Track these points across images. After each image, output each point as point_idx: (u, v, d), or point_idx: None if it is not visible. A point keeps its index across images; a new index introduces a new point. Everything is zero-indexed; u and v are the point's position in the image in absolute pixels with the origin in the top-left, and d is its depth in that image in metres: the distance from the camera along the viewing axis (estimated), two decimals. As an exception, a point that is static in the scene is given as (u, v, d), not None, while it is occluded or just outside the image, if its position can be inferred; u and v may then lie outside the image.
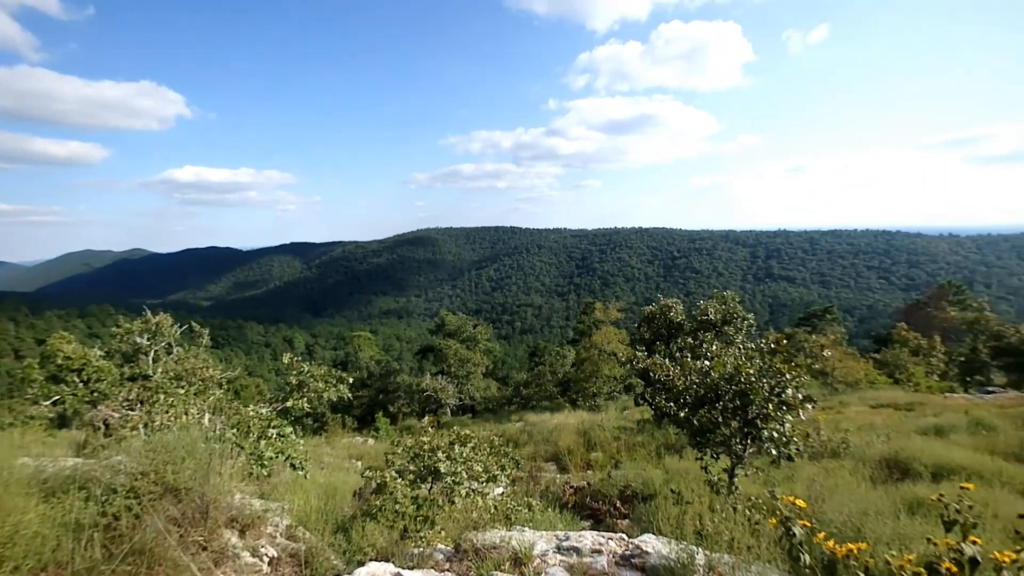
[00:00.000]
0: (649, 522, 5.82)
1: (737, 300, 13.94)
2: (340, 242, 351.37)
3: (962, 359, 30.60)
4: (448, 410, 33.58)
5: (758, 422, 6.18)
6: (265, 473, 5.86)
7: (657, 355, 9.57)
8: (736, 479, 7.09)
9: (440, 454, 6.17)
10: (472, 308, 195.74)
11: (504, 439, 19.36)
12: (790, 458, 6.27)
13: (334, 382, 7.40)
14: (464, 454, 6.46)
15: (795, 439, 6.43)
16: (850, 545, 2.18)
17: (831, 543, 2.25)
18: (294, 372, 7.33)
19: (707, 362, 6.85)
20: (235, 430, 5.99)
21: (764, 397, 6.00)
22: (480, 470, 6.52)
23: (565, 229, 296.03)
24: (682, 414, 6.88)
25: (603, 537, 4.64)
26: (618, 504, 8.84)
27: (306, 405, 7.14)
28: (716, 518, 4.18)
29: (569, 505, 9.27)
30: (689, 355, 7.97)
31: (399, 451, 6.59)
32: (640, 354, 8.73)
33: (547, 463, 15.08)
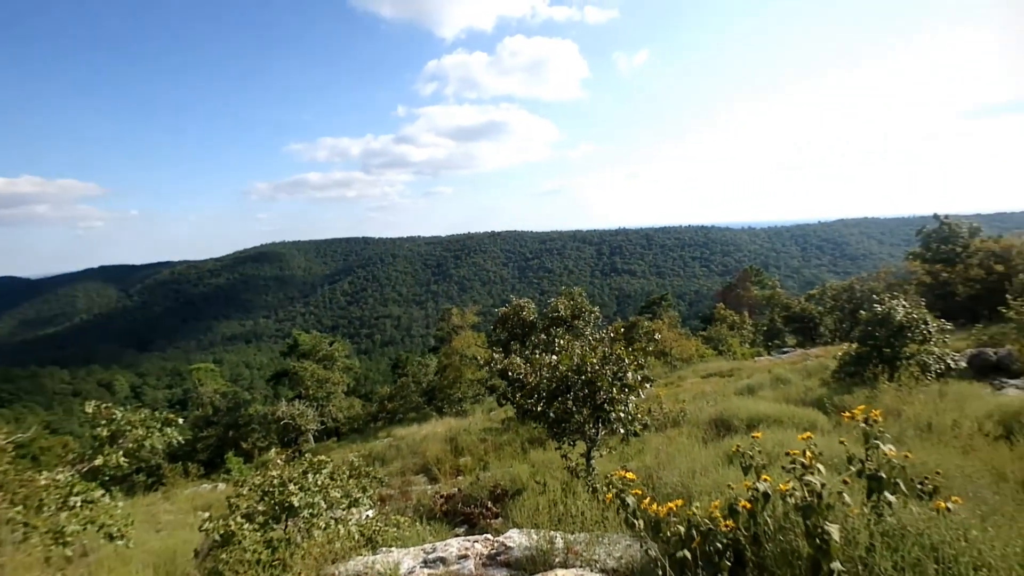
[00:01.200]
0: (516, 517, 6.00)
1: (584, 295, 15.03)
2: (167, 263, 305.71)
3: (765, 328, 36.66)
4: (310, 436, 31.27)
5: (606, 406, 6.72)
6: (69, 553, 4.88)
7: (514, 354, 9.92)
8: (593, 461, 7.63)
9: (292, 486, 5.68)
10: (328, 325, 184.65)
11: (370, 458, 18.58)
12: (636, 434, 6.93)
13: (158, 426, 6.39)
14: (320, 482, 6.04)
15: (639, 416, 7.12)
16: (670, 504, 2.49)
17: (654, 506, 2.54)
18: (103, 422, 6.18)
19: (554, 356, 7.28)
20: (22, 507, 4.88)
21: (608, 383, 6.54)
22: (339, 496, 6.15)
23: (419, 237, 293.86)
24: (539, 408, 7.23)
25: (469, 541, 4.66)
26: (489, 505, 8.97)
27: (123, 460, 6.05)
28: (573, 501, 4.44)
29: (441, 514, 9.20)
30: (541, 351, 8.40)
31: (245, 492, 5.94)
32: (497, 355, 8.97)
33: (417, 476, 14.81)
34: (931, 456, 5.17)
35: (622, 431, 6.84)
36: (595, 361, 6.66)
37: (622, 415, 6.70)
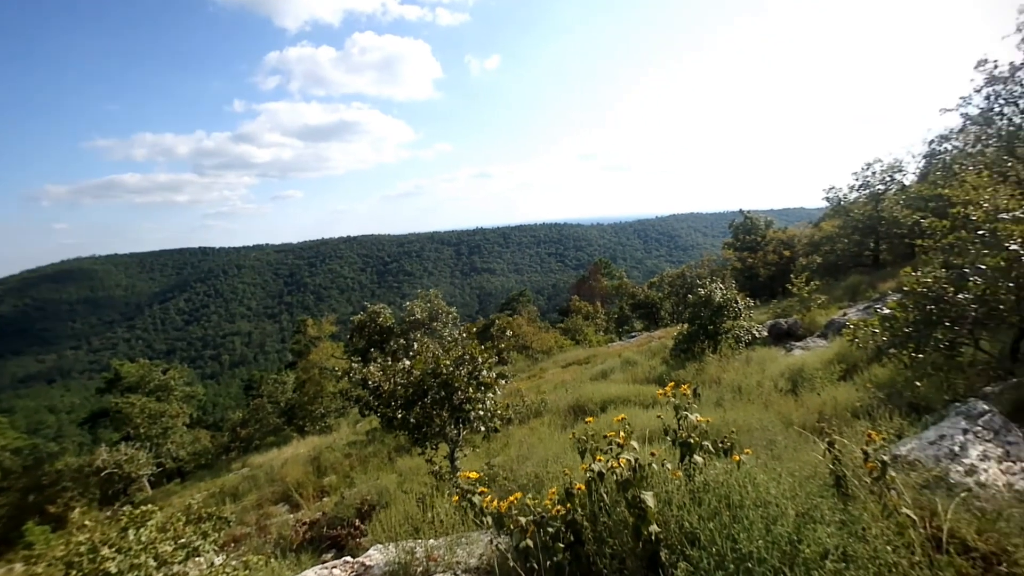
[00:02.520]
0: (379, 532, 5.78)
1: (440, 297, 15.01)
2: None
3: (616, 316, 40.10)
4: (145, 483, 26.87)
5: (465, 406, 6.77)
6: None
7: (373, 362, 9.57)
8: (457, 462, 7.65)
9: (107, 550, 4.80)
10: (162, 349, 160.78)
11: (221, 494, 16.60)
12: (496, 430, 7.10)
13: None
14: (145, 537, 5.20)
15: (499, 412, 7.29)
16: (511, 498, 2.58)
17: (495, 503, 2.62)
18: None
19: (407, 362, 7.16)
20: None
21: (464, 383, 6.59)
22: (172, 549, 5.35)
23: (268, 245, 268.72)
24: (398, 415, 7.05)
25: (327, 569, 4.36)
26: (357, 523, 8.55)
27: None
28: (440, 505, 4.38)
29: (306, 543, 8.58)
30: (394, 357, 8.21)
31: (41, 570, 4.88)
32: (356, 364, 8.57)
33: (277, 505, 13.62)
34: (740, 414, 6.04)
35: (483, 428, 6.95)
36: (449, 363, 6.66)
37: (481, 413, 6.80)
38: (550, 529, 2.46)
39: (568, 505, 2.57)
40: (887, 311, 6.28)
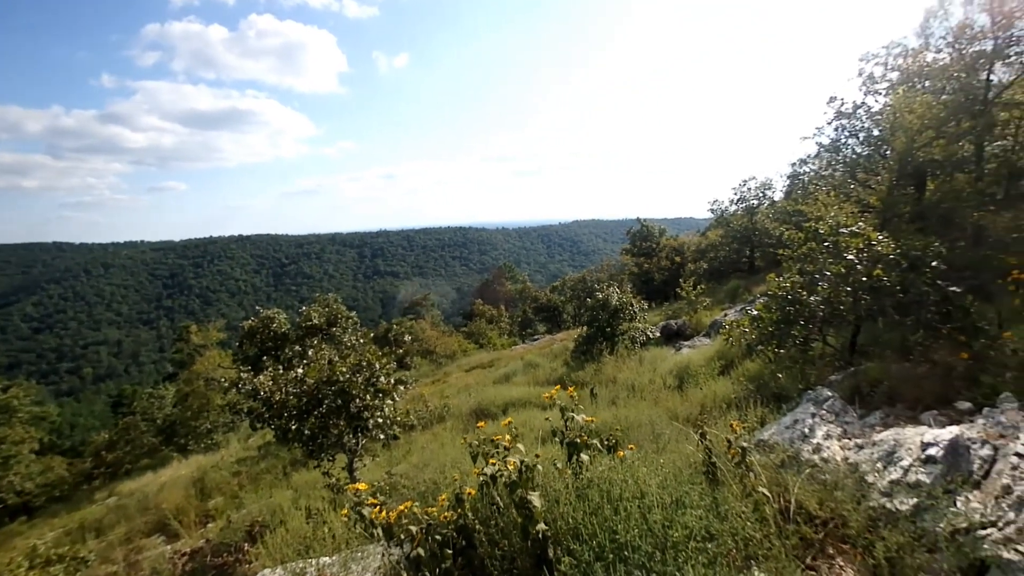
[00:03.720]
0: (267, 555, 5.41)
1: (340, 301, 14.39)
2: None
3: (519, 319, 40.85)
4: (-23, 525, 22.79)
5: (363, 414, 6.55)
6: None
7: (265, 371, 8.95)
8: (356, 472, 7.37)
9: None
10: (2, 363, 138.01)
11: (80, 531, 14.60)
12: (395, 437, 6.94)
13: None
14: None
15: (398, 419, 7.14)
16: (401, 507, 2.56)
17: (384, 514, 2.58)
18: None
19: (300, 370, 6.80)
20: None
21: (362, 390, 6.38)
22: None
23: (143, 242, 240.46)
24: (293, 426, 6.66)
25: (206, 600, 4.02)
26: (246, 547, 7.93)
27: None
28: (327, 521, 4.19)
29: (186, 575, 7.82)
30: (289, 365, 7.75)
31: None
32: (246, 374, 7.95)
33: (151, 537, 12.21)
34: (632, 411, 6.43)
35: (382, 436, 6.77)
36: (345, 370, 6.42)
37: (380, 420, 6.62)
38: (438, 537, 2.46)
39: (459, 510, 2.59)
40: (755, 312, 7.02)
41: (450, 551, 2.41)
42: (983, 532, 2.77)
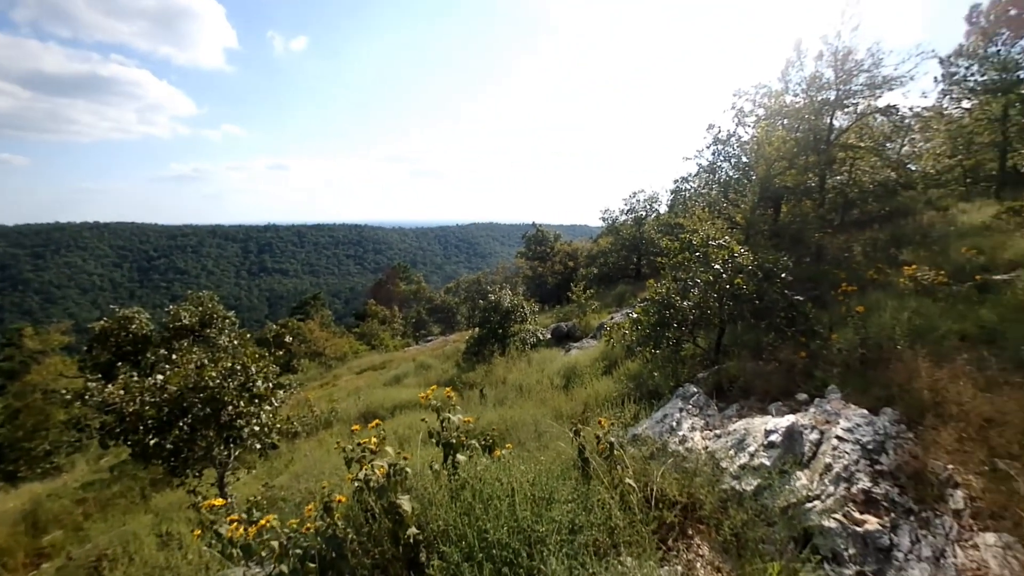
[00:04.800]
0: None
1: (216, 299, 13.13)
2: None
3: (413, 320, 40.13)
4: None
5: (236, 422, 6.02)
6: None
7: (121, 378, 7.89)
8: (229, 488, 6.76)
9: None
10: None
11: None
12: (274, 445, 6.46)
13: None
14: None
15: (277, 426, 6.65)
16: (261, 522, 2.39)
17: (240, 530, 2.39)
18: None
19: (160, 376, 6.10)
20: None
21: (235, 396, 5.86)
22: None
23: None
24: (152, 441, 5.93)
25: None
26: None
27: None
28: (184, 545, 3.78)
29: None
30: (152, 370, 6.91)
31: None
32: (94, 383, 6.94)
33: (-37, 588, 10.22)
34: (519, 411, 6.56)
35: (258, 446, 6.26)
36: (215, 375, 5.86)
37: (256, 429, 6.12)
38: (299, 551, 2.32)
39: (328, 520, 2.46)
40: (634, 315, 7.51)
41: (314, 564, 2.27)
42: (808, 505, 3.19)
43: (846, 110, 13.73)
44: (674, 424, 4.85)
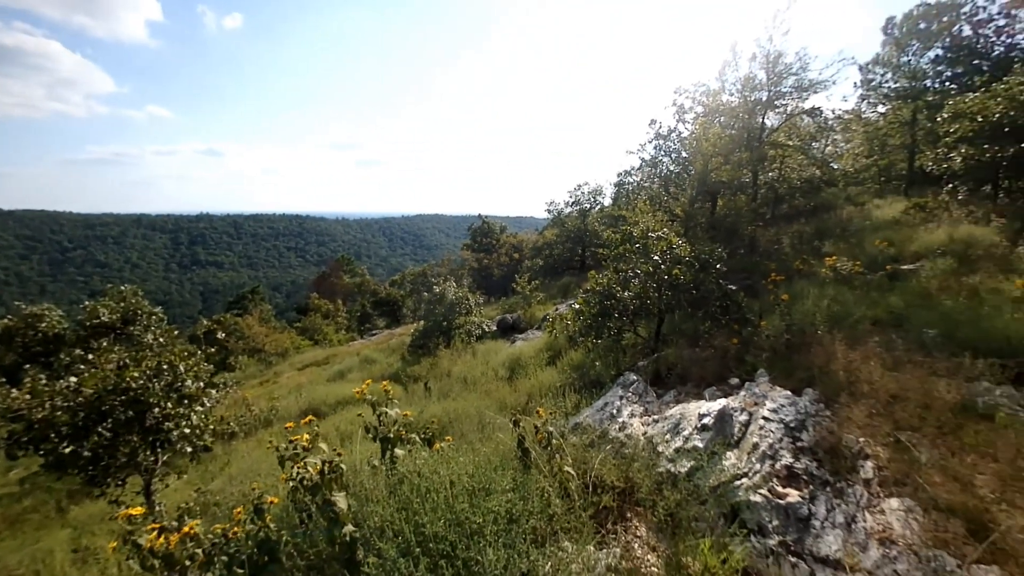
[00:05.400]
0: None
1: (141, 294, 12.27)
2: None
3: (358, 313, 39.16)
4: None
5: (164, 425, 5.67)
6: None
7: (27, 382, 7.24)
8: (157, 495, 6.36)
9: None
10: None
11: None
12: (207, 448, 6.14)
13: None
14: None
15: (210, 427, 6.33)
16: (184, 530, 2.27)
17: (161, 539, 2.27)
18: None
19: (74, 378, 5.66)
20: None
21: (160, 397, 5.52)
22: None
23: None
24: (67, 449, 5.49)
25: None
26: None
27: None
28: (99, 560, 3.54)
29: None
30: (67, 372, 6.39)
31: None
32: (-3, 387, 6.34)
33: None
34: (463, 403, 6.54)
35: (189, 449, 5.93)
36: (138, 375, 5.49)
37: (187, 431, 5.79)
38: (224, 557, 2.22)
39: (260, 522, 2.36)
40: (577, 306, 7.64)
41: (243, 571, 2.18)
42: (737, 483, 3.37)
43: (776, 110, 14.50)
44: (614, 412, 4.98)
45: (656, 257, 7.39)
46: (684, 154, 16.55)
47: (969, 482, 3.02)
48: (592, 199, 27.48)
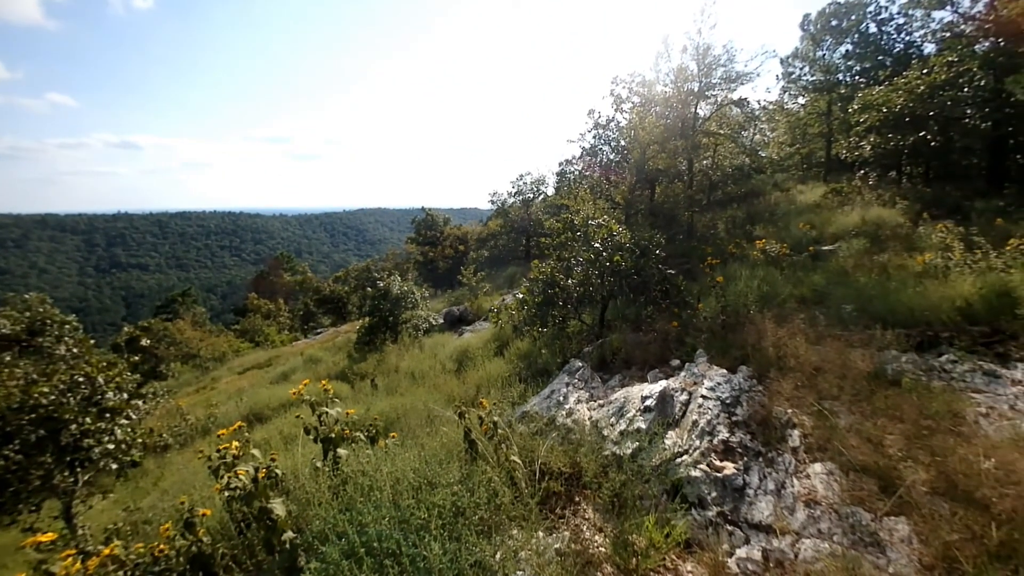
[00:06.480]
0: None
1: (49, 302, 11.29)
2: None
3: (301, 312, 37.81)
4: None
5: (84, 442, 5.26)
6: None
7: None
8: (78, 518, 5.91)
9: None
10: None
11: None
12: (135, 463, 5.75)
13: None
14: None
15: (138, 440, 5.93)
16: (105, 552, 2.13)
17: (77, 565, 2.11)
18: None
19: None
20: None
21: (76, 413, 5.12)
22: None
23: None
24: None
25: None
26: None
27: None
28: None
29: None
30: None
31: None
32: None
33: None
34: (411, 398, 6.46)
35: (114, 466, 5.53)
36: (47, 390, 5.06)
37: (110, 447, 5.40)
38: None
39: (192, 537, 2.24)
40: (520, 296, 7.69)
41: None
42: (678, 460, 3.51)
43: (708, 100, 15.06)
44: (561, 399, 5.06)
45: (597, 244, 7.54)
46: (623, 143, 16.94)
47: (880, 443, 3.28)
48: (535, 188, 27.68)
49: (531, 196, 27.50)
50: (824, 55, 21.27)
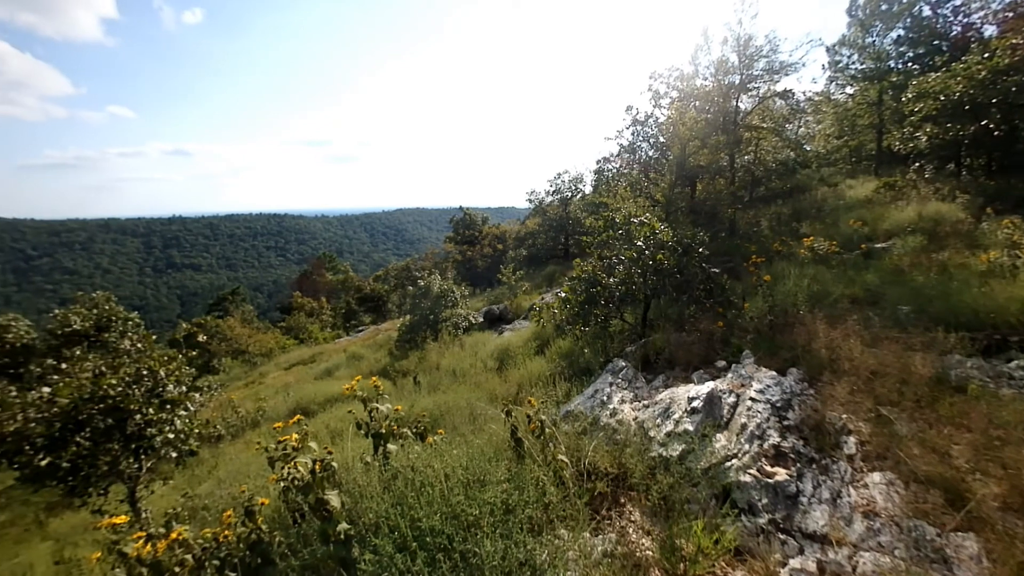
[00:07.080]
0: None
1: (114, 299, 11.97)
2: None
3: (342, 311, 38.82)
4: None
5: (147, 431, 5.56)
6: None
7: None
8: (142, 502, 6.26)
9: None
10: None
11: None
12: (192, 452, 6.05)
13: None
14: None
15: (195, 431, 6.23)
16: (172, 536, 2.24)
17: (148, 547, 2.23)
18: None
19: (47, 388, 5.52)
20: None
21: (141, 404, 5.41)
22: None
23: None
24: (43, 461, 5.35)
25: None
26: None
27: None
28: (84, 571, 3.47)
29: None
30: (40, 382, 6.21)
31: None
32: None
33: None
34: (453, 395, 6.53)
35: (174, 454, 5.83)
36: (115, 382, 5.37)
37: (171, 436, 5.69)
38: (216, 561, 2.19)
39: (251, 524, 2.33)
40: (563, 295, 7.66)
41: (234, 574, 2.15)
42: (727, 464, 3.42)
43: (750, 93, 14.61)
44: (604, 398, 5.02)
45: (639, 243, 7.42)
46: (662, 139, 16.62)
47: (946, 453, 3.11)
48: (573, 187, 27.48)
49: (569, 195, 27.33)
50: (874, 41, 20.25)
